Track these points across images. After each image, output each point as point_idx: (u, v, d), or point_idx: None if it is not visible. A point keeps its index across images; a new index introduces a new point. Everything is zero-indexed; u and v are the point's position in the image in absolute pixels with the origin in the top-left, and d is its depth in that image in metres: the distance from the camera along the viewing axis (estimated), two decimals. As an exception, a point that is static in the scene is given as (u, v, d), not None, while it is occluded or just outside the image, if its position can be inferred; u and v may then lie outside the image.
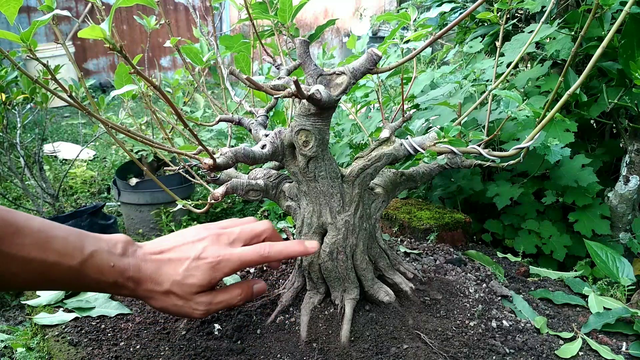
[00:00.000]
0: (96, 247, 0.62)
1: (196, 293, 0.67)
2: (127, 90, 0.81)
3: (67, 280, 0.61)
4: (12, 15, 0.65)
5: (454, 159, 0.93)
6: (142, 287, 0.66)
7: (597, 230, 1.39)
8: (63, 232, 0.61)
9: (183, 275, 0.66)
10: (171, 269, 0.66)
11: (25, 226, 0.57)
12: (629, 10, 0.67)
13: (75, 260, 0.60)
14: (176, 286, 0.66)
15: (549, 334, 0.86)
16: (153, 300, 0.67)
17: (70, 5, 6.23)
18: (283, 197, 0.86)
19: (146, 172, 0.97)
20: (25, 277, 0.57)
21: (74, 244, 0.61)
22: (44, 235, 0.58)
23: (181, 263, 0.67)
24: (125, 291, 0.66)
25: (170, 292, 0.66)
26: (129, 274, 0.64)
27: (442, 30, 0.69)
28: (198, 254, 0.67)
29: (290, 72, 0.83)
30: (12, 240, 0.55)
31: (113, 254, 0.64)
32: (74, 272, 0.60)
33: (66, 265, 0.59)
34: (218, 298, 0.68)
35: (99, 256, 0.62)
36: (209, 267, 0.66)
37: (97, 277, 0.62)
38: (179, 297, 0.66)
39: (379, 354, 0.75)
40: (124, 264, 0.64)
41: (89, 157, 3.95)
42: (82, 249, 0.61)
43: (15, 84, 2.11)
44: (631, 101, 1.33)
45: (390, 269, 0.88)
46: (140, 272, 0.65)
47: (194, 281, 0.66)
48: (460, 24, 1.97)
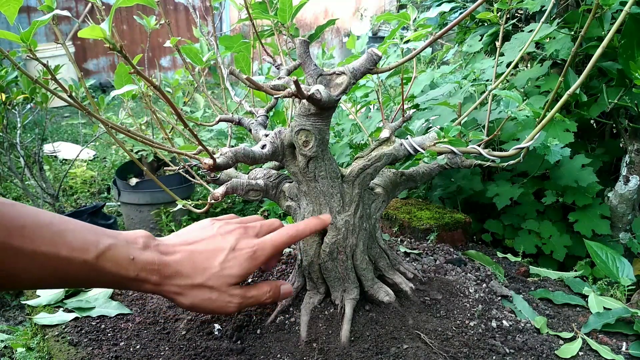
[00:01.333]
0: (113, 241, 0.59)
1: (232, 285, 0.65)
2: (127, 90, 0.81)
3: (82, 275, 0.57)
4: (12, 15, 0.65)
5: (454, 159, 0.93)
6: (170, 282, 0.62)
7: (597, 230, 1.39)
8: (76, 226, 0.58)
9: (221, 267, 0.64)
10: (206, 261, 0.64)
11: (34, 219, 0.54)
12: (629, 10, 0.67)
13: (90, 253, 0.56)
14: (213, 278, 0.63)
15: (549, 334, 0.86)
16: (181, 296, 0.63)
17: (70, 5, 6.23)
18: (283, 197, 0.86)
19: (146, 172, 0.97)
20: (36, 272, 0.54)
21: (88, 237, 0.57)
22: (54, 229, 0.55)
23: (216, 255, 0.65)
24: (148, 286, 0.61)
25: (204, 285, 0.63)
26: (153, 266, 0.61)
27: (442, 30, 0.69)
28: (234, 245, 0.66)
29: (290, 72, 0.83)
30: (20, 233, 0.52)
31: (133, 247, 0.61)
32: (90, 266, 0.56)
33: (80, 259, 0.56)
34: (250, 292, 0.67)
35: (116, 249, 0.59)
36: (247, 257, 0.66)
37: (115, 271, 0.58)
38: (214, 289, 0.64)
39: (379, 354, 0.75)
40: (147, 258, 0.61)
41: (89, 157, 3.95)
42: (97, 242, 0.57)
43: (15, 84, 2.11)
44: (631, 101, 1.33)
45: (390, 269, 0.88)
46: (168, 265, 0.62)
47: (233, 272, 0.64)
48: (460, 23, 1.97)
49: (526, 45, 0.99)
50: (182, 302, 0.64)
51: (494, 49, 1.75)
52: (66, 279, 0.57)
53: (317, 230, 0.75)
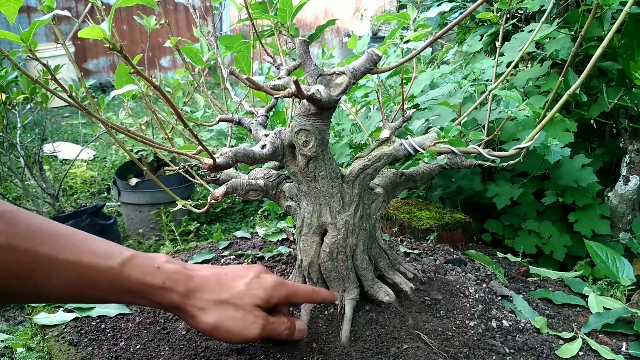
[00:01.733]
0: (136, 253, 0.59)
1: (256, 306, 0.64)
2: (127, 90, 0.81)
3: (107, 283, 0.56)
4: (12, 15, 0.65)
5: (454, 159, 0.93)
6: (196, 295, 0.61)
7: (597, 230, 1.39)
8: (99, 239, 0.58)
9: (246, 287, 0.64)
10: (232, 281, 0.64)
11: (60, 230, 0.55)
12: (629, 10, 0.67)
13: (115, 260, 0.56)
14: (238, 297, 0.63)
15: (549, 334, 0.86)
16: (206, 312, 0.61)
17: (70, 5, 6.23)
18: (283, 197, 0.86)
19: (146, 172, 0.97)
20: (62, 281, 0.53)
21: (112, 247, 0.58)
22: (80, 237, 0.56)
23: (242, 277, 0.65)
24: (174, 296, 0.60)
25: (230, 302, 0.62)
26: (179, 276, 0.60)
27: (442, 30, 0.69)
28: (257, 274, 0.67)
29: (290, 72, 0.83)
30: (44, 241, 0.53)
31: (156, 259, 0.61)
32: (115, 273, 0.56)
33: (105, 266, 0.55)
34: (272, 319, 0.67)
35: (141, 258, 0.59)
36: (270, 285, 0.66)
37: (141, 278, 0.57)
38: (239, 308, 0.63)
39: (379, 354, 0.75)
40: (172, 267, 0.61)
41: (89, 157, 3.95)
42: (121, 251, 0.58)
43: (15, 84, 2.11)
44: (631, 101, 1.33)
45: (390, 269, 0.88)
46: (193, 278, 0.61)
47: (258, 294, 0.65)
48: (460, 23, 1.97)
49: (526, 45, 0.99)
50: (205, 320, 0.61)
51: (494, 49, 1.75)
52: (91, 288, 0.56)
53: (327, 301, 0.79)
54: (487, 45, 1.73)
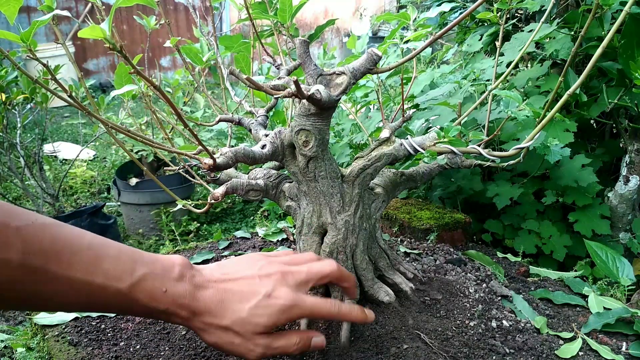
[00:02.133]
0: (148, 270, 0.58)
1: (258, 334, 0.61)
2: (127, 90, 0.81)
3: (115, 304, 0.56)
4: (12, 15, 0.65)
5: (454, 159, 0.93)
6: (198, 319, 0.60)
7: (597, 230, 1.39)
8: (114, 252, 0.57)
9: (249, 313, 0.60)
10: (236, 304, 0.61)
11: (73, 244, 0.54)
12: (629, 10, 0.67)
13: (124, 283, 0.56)
14: (239, 324, 0.60)
15: (549, 334, 0.86)
16: (206, 333, 0.61)
17: (70, 5, 6.23)
18: (283, 197, 0.86)
19: (146, 172, 0.97)
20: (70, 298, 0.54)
21: (125, 265, 0.56)
22: (92, 255, 0.55)
23: (248, 299, 0.61)
24: (177, 319, 0.60)
25: (230, 328, 0.60)
26: (184, 301, 0.59)
27: (442, 30, 0.69)
28: (269, 292, 0.61)
29: (290, 72, 0.83)
30: (58, 259, 0.52)
31: (167, 278, 0.59)
32: (123, 296, 0.56)
33: (114, 288, 0.55)
34: (276, 343, 0.62)
35: (150, 280, 0.57)
36: (279, 309, 0.61)
37: (147, 303, 0.57)
38: (239, 335, 0.60)
39: (379, 354, 0.75)
40: (179, 291, 0.59)
41: (89, 157, 3.95)
42: (132, 270, 0.57)
43: (15, 84, 2.11)
44: (631, 101, 1.33)
45: (390, 269, 0.88)
46: (198, 301, 0.60)
47: (261, 321, 0.60)
48: (460, 23, 1.97)
49: (526, 45, 0.99)
50: (206, 339, 0.62)
51: (494, 49, 1.75)
52: (99, 306, 0.57)
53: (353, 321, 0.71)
54: (487, 45, 1.73)
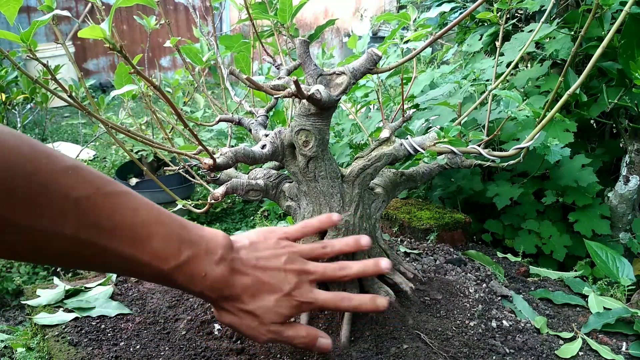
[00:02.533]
0: (193, 252, 0.60)
1: (274, 322, 0.65)
2: (127, 90, 0.81)
3: (151, 278, 0.60)
4: (12, 15, 0.65)
5: (454, 159, 0.93)
6: (225, 302, 0.64)
7: (597, 230, 1.39)
8: (165, 230, 0.58)
9: (274, 304, 0.64)
10: (264, 294, 0.64)
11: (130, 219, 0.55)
12: (629, 10, 0.67)
13: (168, 264, 0.58)
14: (263, 311, 0.64)
15: (549, 334, 0.86)
16: (227, 314, 0.65)
17: (70, 5, 6.22)
18: (283, 197, 0.86)
19: (146, 172, 0.97)
20: (114, 267, 0.57)
21: (172, 246, 0.58)
22: (145, 232, 0.56)
23: (275, 292, 0.65)
24: (204, 298, 0.64)
25: (253, 313, 0.64)
26: (218, 285, 0.62)
27: (442, 30, 0.69)
28: (290, 290, 0.65)
29: (290, 72, 0.83)
30: (110, 234, 0.53)
31: (209, 260, 0.61)
32: (163, 275, 0.58)
33: (157, 267, 0.57)
34: (286, 332, 0.66)
35: (192, 264, 0.60)
36: (296, 305, 0.66)
37: (184, 284, 0.60)
38: (258, 319, 0.64)
39: (379, 354, 0.75)
40: (217, 275, 0.61)
41: (89, 157, 3.95)
42: (178, 253, 0.58)
43: (15, 84, 2.12)
44: (631, 101, 1.33)
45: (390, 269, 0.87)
46: (231, 288, 0.63)
47: (282, 312, 0.65)
48: (460, 23, 1.97)
49: (526, 45, 0.99)
50: (222, 318, 0.65)
51: (494, 48, 1.75)
52: (135, 274, 0.60)
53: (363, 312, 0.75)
54: (487, 45, 1.73)
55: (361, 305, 0.69)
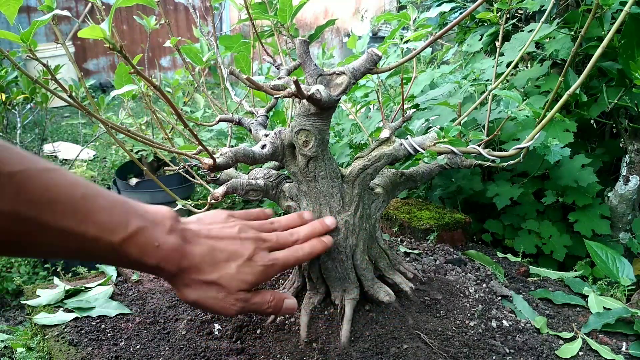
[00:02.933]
0: (141, 223, 0.58)
1: (241, 290, 0.65)
2: (127, 90, 0.81)
3: (103, 255, 0.57)
4: (12, 15, 0.65)
5: (454, 159, 0.93)
6: (184, 275, 0.62)
7: (597, 230, 1.39)
8: (108, 203, 0.56)
9: (237, 271, 0.64)
10: (224, 262, 0.64)
11: (66, 193, 0.53)
12: (629, 10, 0.67)
13: (117, 236, 0.55)
14: (226, 279, 0.63)
15: (549, 334, 0.86)
16: (189, 289, 0.63)
17: (70, 5, 6.22)
18: (283, 197, 0.86)
19: (146, 172, 0.97)
20: (59, 247, 0.54)
21: (119, 217, 0.56)
22: (87, 205, 0.54)
23: (235, 259, 0.65)
24: (163, 274, 0.62)
25: (217, 283, 0.63)
26: (174, 255, 0.60)
27: (442, 30, 0.69)
28: (251, 255, 0.66)
29: (290, 72, 0.83)
30: (50, 209, 0.51)
31: (159, 230, 0.60)
32: (114, 249, 0.56)
33: (107, 241, 0.55)
34: (254, 299, 0.67)
35: (143, 234, 0.58)
36: (261, 269, 0.65)
37: (137, 258, 0.58)
38: (223, 289, 0.64)
39: (379, 354, 0.75)
40: (171, 245, 0.60)
41: (89, 157, 3.95)
42: (126, 223, 0.56)
43: (15, 84, 2.12)
44: (631, 101, 1.33)
45: (390, 269, 0.88)
46: (188, 256, 0.62)
47: (247, 278, 0.64)
48: (460, 23, 1.97)
49: (526, 45, 0.99)
50: (187, 296, 0.63)
51: (494, 48, 1.75)
52: (86, 255, 0.57)
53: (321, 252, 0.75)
54: (487, 45, 1.73)
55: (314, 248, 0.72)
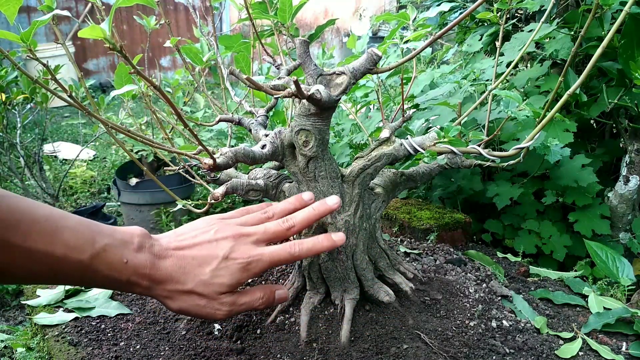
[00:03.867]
0: (109, 241, 0.58)
1: (222, 293, 0.63)
2: (127, 90, 0.81)
3: (76, 275, 0.57)
4: (12, 15, 0.65)
5: (454, 159, 0.93)
6: (160, 287, 0.61)
7: (597, 230, 1.39)
8: (73, 223, 0.57)
9: (211, 275, 0.62)
10: (197, 268, 0.62)
11: (30, 214, 0.53)
12: (628, 10, 0.67)
13: (85, 254, 0.56)
14: (202, 286, 0.62)
15: (549, 334, 0.86)
16: (170, 300, 0.63)
17: (70, 5, 6.22)
18: (283, 197, 0.86)
19: (146, 172, 0.97)
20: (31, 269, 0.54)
21: (85, 236, 0.57)
22: (51, 225, 0.54)
23: (208, 262, 0.63)
24: (138, 289, 0.61)
25: (194, 292, 0.62)
26: (144, 271, 0.60)
27: (442, 30, 0.69)
28: (227, 254, 0.63)
29: (290, 72, 0.83)
30: (17, 229, 0.52)
31: (127, 248, 0.60)
32: (84, 267, 0.56)
33: (75, 259, 0.55)
34: (241, 300, 0.65)
35: (111, 250, 0.58)
36: (239, 267, 0.63)
37: (108, 274, 0.58)
38: (203, 297, 0.62)
39: (379, 354, 0.75)
40: (140, 261, 0.60)
41: (89, 157, 3.95)
42: (93, 241, 0.57)
43: (15, 84, 2.12)
44: (631, 101, 1.33)
45: (390, 269, 0.88)
46: (159, 270, 0.61)
47: (223, 281, 0.62)
48: (460, 23, 1.97)
49: (526, 45, 0.99)
50: (170, 306, 0.63)
51: (494, 48, 1.75)
52: (60, 277, 0.57)
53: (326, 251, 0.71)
54: (487, 45, 1.73)
55: (315, 245, 0.67)
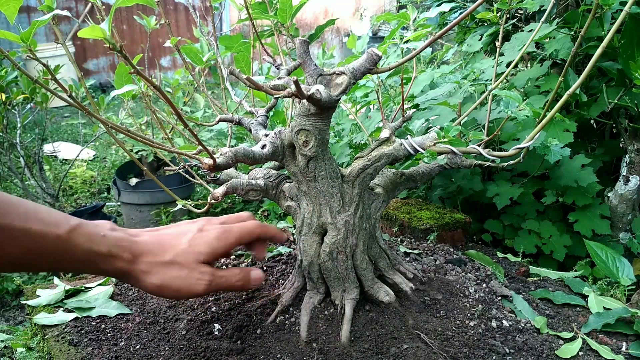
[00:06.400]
0: (82, 222, 0.60)
1: (201, 262, 0.65)
2: (127, 90, 0.81)
3: (56, 252, 0.57)
4: (12, 15, 0.65)
5: (454, 159, 0.93)
6: (140, 260, 0.63)
7: (597, 230, 1.39)
8: (46, 207, 0.59)
9: (188, 244, 0.65)
10: (173, 240, 0.65)
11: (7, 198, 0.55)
12: (628, 10, 0.67)
13: (62, 228, 0.57)
14: (181, 255, 0.64)
15: (549, 334, 0.86)
16: (150, 275, 0.63)
17: (70, 5, 6.22)
18: (283, 197, 0.86)
19: (146, 172, 0.97)
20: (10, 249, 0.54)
21: (58, 215, 0.59)
22: (27, 207, 0.56)
23: (184, 234, 0.66)
24: (120, 263, 0.61)
25: (174, 262, 0.64)
26: (124, 243, 0.62)
27: (442, 30, 0.69)
28: (201, 227, 0.67)
29: (290, 72, 0.83)
30: None
31: (102, 227, 0.62)
32: (62, 241, 0.57)
33: (53, 234, 0.56)
34: (219, 272, 0.67)
35: (87, 227, 0.60)
36: (214, 236, 0.66)
37: (88, 246, 0.59)
38: (183, 266, 0.64)
39: (379, 354, 0.75)
40: (117, 235, 0.62)
41: (89, 157, 3.95)
42: (68, 219, 0.59)
43: (15, 84, 2.12)
44: (631, 101, 1.33)
45: (390, 269, 0.88)
46: (137, 244, 0.63)
47: (201, 249, 0.65)
48: (460, 23, 1.97)
49: (526, 45, 0.99)
50: (150, 282, 0.63)
51: (494, 48, 1.75)
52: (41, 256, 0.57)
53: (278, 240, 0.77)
54: (487, 45, 1.73)
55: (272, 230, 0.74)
